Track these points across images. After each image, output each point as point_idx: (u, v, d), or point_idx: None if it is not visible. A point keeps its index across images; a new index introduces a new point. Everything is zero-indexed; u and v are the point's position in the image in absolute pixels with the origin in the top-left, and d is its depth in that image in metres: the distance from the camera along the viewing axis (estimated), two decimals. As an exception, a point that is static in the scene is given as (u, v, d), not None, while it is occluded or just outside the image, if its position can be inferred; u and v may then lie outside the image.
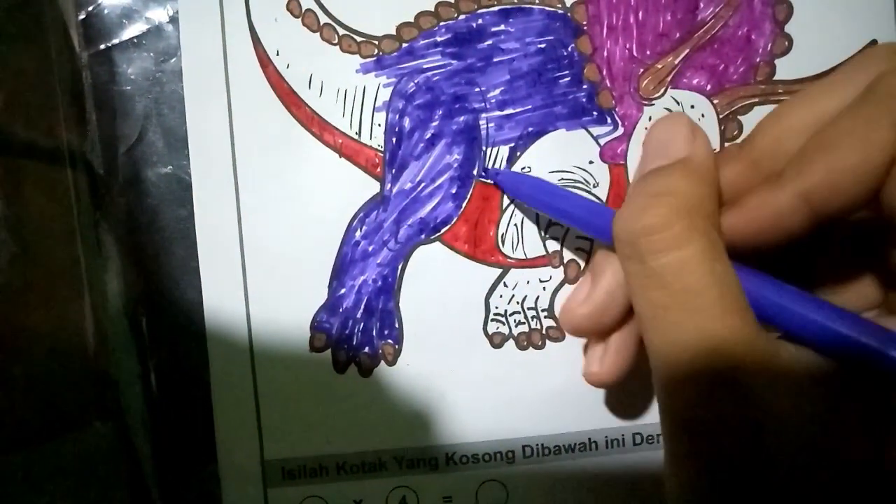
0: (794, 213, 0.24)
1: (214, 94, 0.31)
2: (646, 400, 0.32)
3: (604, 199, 0.31)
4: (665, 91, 0.31)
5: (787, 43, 0.31)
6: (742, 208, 0.25)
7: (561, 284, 0.32)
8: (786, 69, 0.31)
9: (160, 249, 0.32)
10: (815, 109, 0.25)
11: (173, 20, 0.31)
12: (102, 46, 0.31)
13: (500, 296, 0.32)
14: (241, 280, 0.31)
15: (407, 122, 0.31)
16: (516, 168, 0.31)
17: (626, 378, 0.29)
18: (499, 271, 0.32)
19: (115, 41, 0.31)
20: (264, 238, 0.31)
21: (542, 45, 0.31)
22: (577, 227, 0.30)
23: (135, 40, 0.31)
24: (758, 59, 0.31)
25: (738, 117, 0.31)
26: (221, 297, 0.31)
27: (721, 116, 0.31)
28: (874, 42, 0.30)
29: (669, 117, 0.29)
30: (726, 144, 0.31)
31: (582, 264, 0.32)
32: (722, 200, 0.26)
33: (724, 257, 0.23)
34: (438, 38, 0.31)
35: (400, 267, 0.31)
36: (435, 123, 0.31)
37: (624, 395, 0.32)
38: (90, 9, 0.31)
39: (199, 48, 0.31)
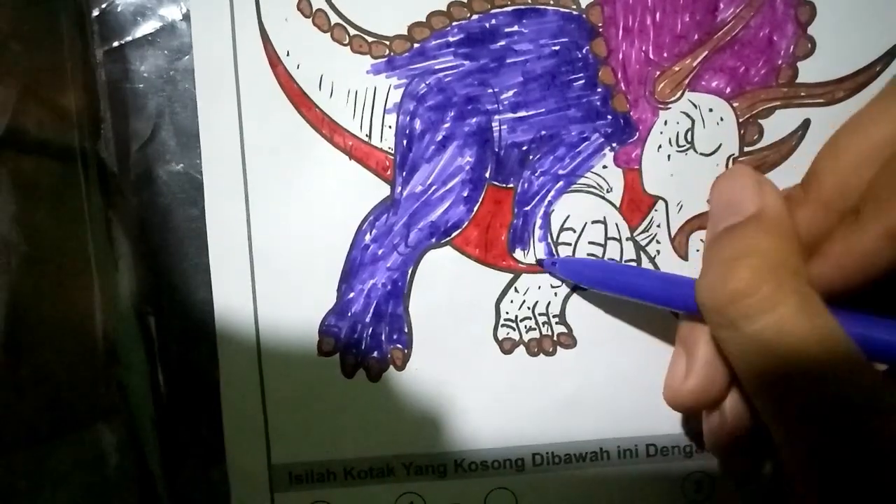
0: (881, 252, 0.23)
1: (224, 94, 0.30)
2: (660, 410, 0.31)
3: (617, 203, 0.31)
4: (682, 94, 0.30)
5: (809, 45, 0.30)
6: (826, 256, 0.24)
7: (573, 290, 0.31)
8: (809, 72, 0.30)
9: (171, 248, 0.31)
10: (872, 138, 0.24)
11: (187, 18, 0.31)
12: (116, 44, 0.31)
13: (511, 301, 0.31)
14: (250, 281, 0.31)
15: (418, 124, 0.30)
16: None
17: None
18: (510, 276, 0.31)
19: (129, 38, 0.31)
20: (273, 240, 0.31)
21: (556, 47, 0.30)
22: (654, 303, 0.28)
23: (149, 38, 0.31)
24: (780, 62, 0.30)
25: (759, 121, 0.30)
26: (231, 298, 0.31)
27: (741, 120, 0.30)
28: (896, 47, 0.29)
29: (730, 171, 0.28)
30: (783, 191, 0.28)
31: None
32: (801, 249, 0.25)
33: (822, 309, 0.22)
34: (451, 39, 0.30)
35: (410, 271, 0.31)
36: (446, 125, 0.30)
37: (638, 404, 0.31)
38: (104, 6, 0.31)
39: (209, 47, 0.30)
